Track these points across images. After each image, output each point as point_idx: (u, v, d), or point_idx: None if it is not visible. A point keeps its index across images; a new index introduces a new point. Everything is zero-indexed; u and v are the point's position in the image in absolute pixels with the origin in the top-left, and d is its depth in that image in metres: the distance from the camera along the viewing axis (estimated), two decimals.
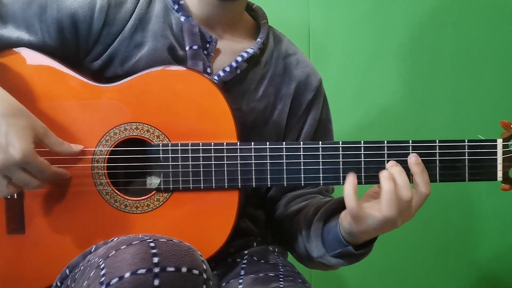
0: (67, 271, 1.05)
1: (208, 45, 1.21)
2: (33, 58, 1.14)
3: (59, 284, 1.05)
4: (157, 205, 1.11)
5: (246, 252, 1.25)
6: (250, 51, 1.24)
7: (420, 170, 1.04)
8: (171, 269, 0.86)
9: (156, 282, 0.84)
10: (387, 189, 1.02)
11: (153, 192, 1.12)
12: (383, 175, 1.03)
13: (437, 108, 2.00)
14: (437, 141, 1.05)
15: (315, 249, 1.17)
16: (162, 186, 1.11)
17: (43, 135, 1.05)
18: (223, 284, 1.18)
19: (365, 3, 1.96)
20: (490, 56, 1.99)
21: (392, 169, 1.04)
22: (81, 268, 0.99)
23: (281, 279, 1.15)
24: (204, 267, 0.91)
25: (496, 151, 1.05)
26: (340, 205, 1.15)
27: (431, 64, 1.99)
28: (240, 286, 1.13)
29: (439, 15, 1.97)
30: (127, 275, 0.84)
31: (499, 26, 1.98)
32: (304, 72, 1.32)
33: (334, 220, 1.13)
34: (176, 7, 1.21)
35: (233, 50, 1.25)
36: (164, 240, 0.91)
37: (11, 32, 1.14)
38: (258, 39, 1.27)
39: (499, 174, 1.06)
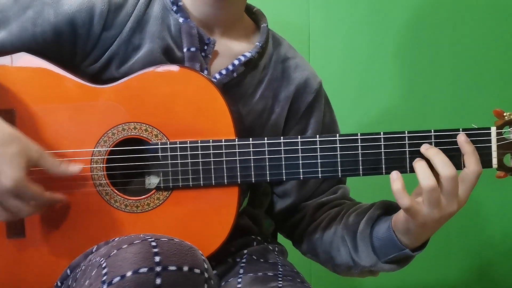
0: (68, 271, 1.05)
1: (206, 47, 1.21)
2: (28, 61, 1.14)
3: (59, 284, 1.06)
4: (158, 204, 1.12)
5: (245, 251, 1.25)
6: (248, 54, 1.23)
7: (472, 149, 1.04)
8: (173, 268, 0.86)
9: (158, 281, 0.84)
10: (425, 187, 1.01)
11: (153, 191, 1.12)
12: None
13: (437, 108, 2.01)
14: (432, 130, 1.06)
15: (366, 259, 1.14)
16: (162, 185, 1.11)
17: (37, 159, 1.04)
18: (222, 283, 1.18)
19: (365, 3, 1.97)
20: (489, 55, 2.00)
21: (428, 152, 1.05)
22: (82, 267, 0.99)
23: (280, 279, 1.15)
24: (205, 266, 0.91)
25: (490, 139, 1.06)
26: (383, 211, 1.15)
27: (431, 64, 2.00)
28: (239, 285, 1.14)
29: (438, 15, 1.98)
30: (129, 274, 0.84)
31: (499, 26, 1.99)
32: (303, 75, 1.30)
33: (383, 226, 1.12)
34: (174, 8, 1.20)
35: (231, 52, 1.25)
36: (165, 239, 0.91)
37: (5, 36, 1.14)
38: (257, 43, 1.26)
39: (494, 161, 1.06)
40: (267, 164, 1.10)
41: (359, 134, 1.08)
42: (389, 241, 1.10)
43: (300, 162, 1.10)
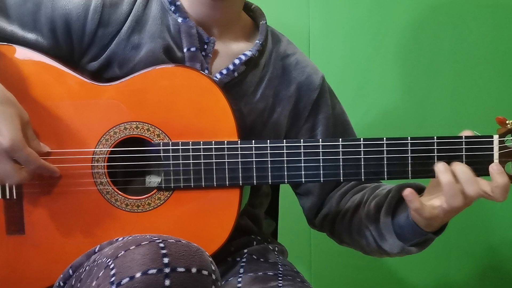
0: (70, 271, 1.05)
1: (206, 46, 1.20)
2: (31, 57, 1.14)
3: (62, 284, 1.05)
4: (159, 204, 1.12)
5: (245, 251, 1.26)
6: (248, 53, 1.22)
7: (505, 181, 1.04)
8: (181, 269, 0.86)
9: (167, 282, 0.85)
10: (445, 182, 1.03)
11: (154, 191, 1.12)
12: (439, 170, 1.05)
13: (437, 108, 2.01)
14: (435, 137, 1.07)
15: (393, 246, 1.16)
16: (163, 185, 1.11)
17: (24, 125, 1.04)
18: (222, 282, 1.18)
19: (365, 4, 1.97)
20: (489, 56, 2.00)
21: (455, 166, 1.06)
22: (87, 268, 0.99)
23: (280, 278, 1.16)
24: (213, 267, 0.92)
25: (493, 147, 1.06)
26: (400, 194, 1.15)
27: (431, 64, 2.00)
28: (239, 285, 1.14)
29: (438, 15, 1.98)
30: (138, 275, 0.84)
31: (499, 26, 1.99)
32: (303, 72, 1.30)
33: (403, 213, 1.13)
34: (172, 8, 1.20)
35: (231, 52, 1.24)
36: (173, 241, 0.91)
37: (6, 25, 1.14)
38: (257, 41, 1.25)
39: None
40: (269, 166, 1.10)
41: (361, 139, 1.08)
42: (411, 228, 1.12)
43: (302, 165, 1.10)
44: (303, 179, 1.10)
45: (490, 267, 2.11)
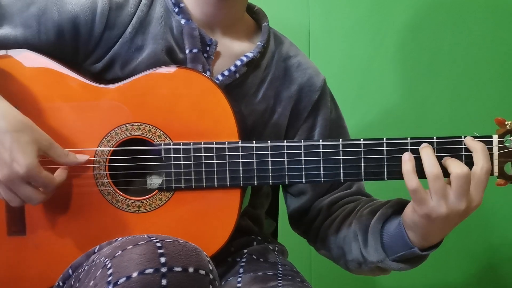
0: (70, 271, 1.05)
1: (208, 48, 1.21)
2: (32, 59, 1.14)
3: (61, 284, 1.05)
4: (160, 205, 1.12)
5: (245, 251, 1.26)
6: (250, 55, 1.23)
7: (481, 146, 1.05)
8: (178, 269, 0.86)
9: (164, 282, 0.85)
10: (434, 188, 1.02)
11: (155, 192, 1.12)
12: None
13: (437, 108, 2.01)
14: (434, 137, 1.07)
15: (374, 254, 1.14)
16: (164, 186, 1.11)
17: (47, 148, 1.05)
18: (222, 283, 1.19)
19: (365, 4, 1.97)
20: (489, 56, 2.00)
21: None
22: (85, 268, 0.99)
23: (279, 278, 1.16)
24: (210, 267, 0.92)
25: (492, 147, 1.07)
26: (398, 207, 1.14)
27: (431, 64, 2.00)
28: (239, 284, 1.14)
29: (438, 15, 1.98)
30: (134, 274, 0.85)
31: (499, 26, 1.99)
32: (305, 74, 1.30)
33: (395, 222, 1.12)
34: (176, 9, 1.20)
35: (233, 53, 1.25)
36: (170, 240, 0.91)
37: (8, 31, 1.14)
38: (258, 43, 1.26)
39: (495, 169, 1.07)
40: (270, 167, 1.10)
41: (362, 139, 1.09)
42: (399, 238, 1.10)
43: (303, 166, 1.10)
44: (303, 180, 1.10)
45: (490, 267, 2.11)
